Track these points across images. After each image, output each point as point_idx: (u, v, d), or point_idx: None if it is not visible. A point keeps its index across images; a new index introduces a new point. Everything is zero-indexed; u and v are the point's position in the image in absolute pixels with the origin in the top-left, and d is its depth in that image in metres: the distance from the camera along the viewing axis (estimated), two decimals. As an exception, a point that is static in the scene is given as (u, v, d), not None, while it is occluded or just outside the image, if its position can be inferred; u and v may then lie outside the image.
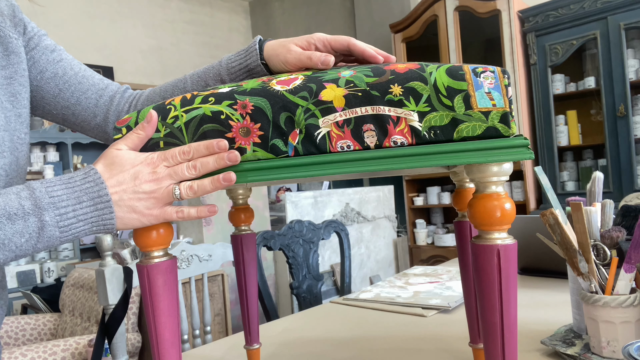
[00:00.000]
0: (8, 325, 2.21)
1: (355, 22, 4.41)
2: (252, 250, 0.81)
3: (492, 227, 0.50)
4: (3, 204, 0.49)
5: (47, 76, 0.74)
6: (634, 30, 2.70)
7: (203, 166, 0.53)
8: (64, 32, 4.24)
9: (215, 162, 0.53)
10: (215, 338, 2.44)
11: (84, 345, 1.79)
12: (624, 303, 0.69)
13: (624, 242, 0.74)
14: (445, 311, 1.10)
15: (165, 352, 0.55)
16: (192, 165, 0.53)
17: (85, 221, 0.51)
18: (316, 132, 0.52)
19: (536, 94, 3.00)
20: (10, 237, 0.49)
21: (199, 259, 1.50)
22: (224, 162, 0.53)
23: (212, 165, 0.53)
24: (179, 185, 0.53)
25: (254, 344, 0.83)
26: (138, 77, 4.69)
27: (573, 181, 3.03)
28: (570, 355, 0.75)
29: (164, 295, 0.55)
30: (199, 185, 0.53)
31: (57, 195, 0.50)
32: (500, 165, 0.50)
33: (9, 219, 0.49)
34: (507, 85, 0.51)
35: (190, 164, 0.53)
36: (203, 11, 5.28)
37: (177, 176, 0.53)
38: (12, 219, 0.49)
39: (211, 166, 0.53)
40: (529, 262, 1.35)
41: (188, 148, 0.53)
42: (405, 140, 0.51)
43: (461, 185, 0.72)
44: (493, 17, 3.09)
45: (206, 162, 0.53)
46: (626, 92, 2.68)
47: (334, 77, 0.54)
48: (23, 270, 3.74)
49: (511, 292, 0.49)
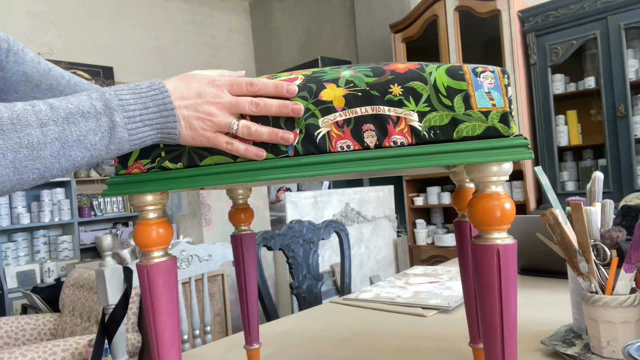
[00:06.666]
0: (8, 325, 2.21)
1: (355, 22, 4.41)
2: (252, 250, 0.81)
3: (491, 227, 0.50)
4: (76, 102, 0.50)
5: (43, 88, 0.74)
6: (634, 30, 2.70)
7: (265, 107, 0.52)
8: (64, 32, 4.24)
9: (278, 108, 0.52)
10: (215, 338, 2.44)
11: (84, 345, 1.79)
12: (624, 303, 0.69)
13: (624, 242, 0.74)
14: (445, 311, 1.10)
15: (165, 352, 0.55)
16: (256, 102, 0.52)
17: (151, 126, 0.52)
18: (316, 132, 0.52)
19: (536, 94, 3.00)
20: (85, 134, 0.49)
21: (199, 259, 1.50)
22: (287, 111, 0.52)
23: (274, 109, 0.52)
24: (239, 121, 0.53)
25: (254, 344, 0.83)
26: (138, 77, 4.69)
27: (573, 181, 3.03)
28: (570, 355, 0.75)
29: (164, 295, 0.55)
30: (257, 129, 0.52)
31: (126, 99, 0.51)
32: (500, 165, 0.50)
33: (82, 116, 0.49)
34: (506, 85, 0.51)
35: (255, 99, 0.52)
36: (203, 11, 5.28)
37: (238, 108, 0.53)
38: (86, 116, 0.49)
39: (273, 110, 0.52)
40: (529, 262, 1.35)
41: (257, 81, 0.53)
42: (405, 140, 0.51)
43: (461, 185, 0.72)
44: (493, 17, 3.09)
45: (270, 104, 0.52)
46: (626, 92, 2.68)
47: (333, 77, 0.54)
48: (23, 270, 3.74)
49: (511, 292, 0.49)
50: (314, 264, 1.62)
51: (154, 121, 0.52)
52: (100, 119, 0.50)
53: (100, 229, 4.40)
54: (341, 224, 1.73)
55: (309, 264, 1.61)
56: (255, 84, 0.53)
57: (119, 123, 0.50)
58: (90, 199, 4.31)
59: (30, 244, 4.03)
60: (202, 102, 0.52)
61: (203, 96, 0.52)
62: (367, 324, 1.07)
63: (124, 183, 0.56)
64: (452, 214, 3.76)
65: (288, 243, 1.56)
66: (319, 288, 1.62)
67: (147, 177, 0.55)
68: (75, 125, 0.49)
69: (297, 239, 1.59)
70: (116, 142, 0.51)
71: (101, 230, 4.39)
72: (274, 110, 0.52)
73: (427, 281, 1.37)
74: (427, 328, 1.00)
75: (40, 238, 4.02)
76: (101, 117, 0.50)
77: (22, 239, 3.92)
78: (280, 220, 3.28)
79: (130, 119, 0.51)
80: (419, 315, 1.09)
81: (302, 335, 1.04)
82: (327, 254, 2.86)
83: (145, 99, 0.52)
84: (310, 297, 1.59)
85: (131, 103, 0.51)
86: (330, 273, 2.84)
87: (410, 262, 3.62)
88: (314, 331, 1.05)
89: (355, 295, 1.30)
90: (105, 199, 4.38)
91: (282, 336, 1.04)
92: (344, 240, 1.70)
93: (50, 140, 0.48)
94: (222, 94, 0.53)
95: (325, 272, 2.81)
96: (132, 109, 0.51)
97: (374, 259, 3.21)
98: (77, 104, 0.50)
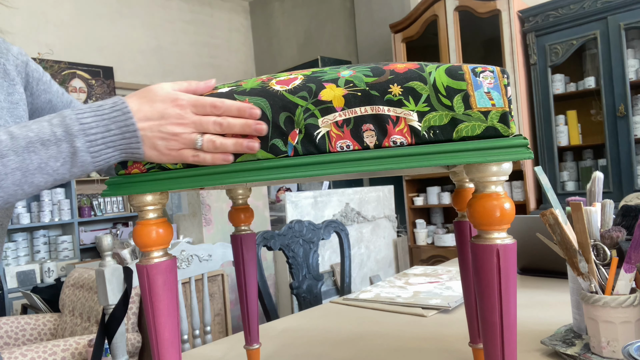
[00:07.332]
0: (8, 325, 2.21)
1: (355, 22, 4.41)
2: (252, 250, 0.81)
3: (491, 227, 0.50)
4: (37, 130, 0.51)
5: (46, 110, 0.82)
6: (634, 30, 2.70)
7: (229, 126, 0.53)
8: (64, 32, 4.24)
9: (241, 127, 0.53)
10: (215, 338, 2.44)
11: (84, 345, 1.79)
12: (624, 303, 0.69)
13: (624, 242, 0.74)
14: (445, 311, 1.10)
15: (165, 352, 0.55)
16: (219, 122, 0.53)
17: (114, 148, 0.53)
18: (316, 132, 0.52)
19: (536, 94, 3.00)
20: (46, 161, 0.51)
21: (199, 259, 1.50)
22: (250, 130, 0.53)
23: (238, 128, 0.53)
24: (202, 137, 0.53)
25: (254, 344, 0.83)
26: (138, 77, 4.69)
27: (573, 181, 3.03)
28: (570, 355, 0.75)
29: (164, 295, 0.55)
30: (222, 142, 0.53)
31: (87, 122, 0.52)
32: (499, 165, 0.50)
33: (42, 144, 0.51)
34: (506, 85, 0.51)
35: (218, 119, 0.53)
36: (203, 11, 5.28)
37: (202, 127, 0.53)
38: (46, 144, 0.51)
39: (237, 129, 0.53)
40: (529, 262, 1.35)
41: (221, 103, 0.54)
42: (405, 140, 0.51)
43: (461, 185, 0.72)
44: (493, 17, 3.09)
45: (234, 124, 0.53)
46: (626, 92, 2.68)
47: (333, 77, 0.54)
48: (23, 270, 3.74)
49: (511, 292, 0.49)
50: (314, 264, 1.62)
51: (116, 143, 0.53)
52: (61, 145, 0.51)
53: (100, 229, 4.40)
54: (341, 224, 1.73)
55: (309, 264, 1.61)
56: (219, 107, 0.53)
57: (80, 148, 0.52)
58: (90, 199, 4.31)
59: (30, 244, 4.03)
60: (166, 123, 0.53)
61: (166, 117, 0.53)
62: (367, 324, 1.07)
63: (123, 183, 0.56)
64: (452, 214, 3.75)
65: (288, 243, 1.56)
66: (319, 288, 1.62)
67: (146, 177, 0.55)
68: (35, 154, 0.51)
69: (297, 239, 1.59)
70: (79, 166, 0.53)
71: (101, 230, 4.39)
72: (238, 129, 0.53)
73: (427, 281, 1.37)
74: (427, 328, 1.00)
75: (40, 238, 4.02)
76: (62, 144, 0.51)
77: (22, 238, 3.92)
78: (280, 220, 3.28)
79: (92, 143, 0.52)
80: (419, 315, 1.09)
81: (302, 335, 1.04)
82: (327, 254, 2.86)
83: (107, 121, 0.52)
84: (310, 297, 1.59)
85: (93, 126, 0.52)
86: (330, 273, 2.84)
87: (410, 262, 3.62)
88: (314, 331, 1.05)
89: (355, 295, 1.30)
90: (105, 199, 4.39)
91: (282, 336, 1.04)
92: (344, 240, 1.70)
93: (11, 170, 0.50)
94: (185, 114, 0.53)
95: (325, 272, 2.81)
96: (93, 132, 0.52)
97: (374, 259, 3.21)
98: (37, 132, 0.51)
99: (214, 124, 0.53)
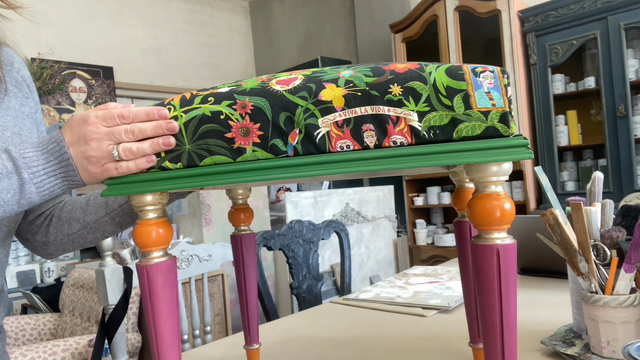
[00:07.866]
0: (8, 325, 2.21)
1: (355, 22, 4.41)
2: (252, 250, 0.81)
3: (491, 227, 0.50)
4: None
5: None
6: (634, 30, 2.70)
7: (141, 132, 0.55)
8: (64, 32, 4.24)
9: (153, 130, 0.55)
10: (215, 338, 2.44)
11: (84, 345, 1.79)
12: (624, 303, 0.69)
13: (624, 242, 0.74)
14: (445, 311, 1.10)
15: (165, 352, 0.55)
16: (130, 129, 0.55)
17: (56, 177, 0.57)
18: (316, 132, 0.52)
19: (536, 94, 3.00)
20: None
21: (199, 259, 1.50)
22: (161, 131, 0.54)
23: (150, 132, 0.55)
24: (117, 146, 0.55)
25: (254, 344, 0.83)
26: (138, 77, 4.69)
27: (573, 181, 3.03)
28: (570, 355, 0.75)
29: (164, 295, 0.55)
30: (138, 147, 0.54)
31: (29, 156, 0.56)
32: (499, 165, 0.50)
33: None
34: (506, 85, 0.51)
35: (129, 127, 0.55)
36: (203, 11, 5.28)
37: (115, 138, 0.55)
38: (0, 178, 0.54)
39: (149, 132, 0.55)
40: (529, 262, 1.35)
41: (128, 113, 0.55)
42: (405, 140, 0.51)
43: (461, 185, 0.72)
44: (493, 17, 3.09)
45: (144, 128, 0.55)
46: (626, 92, 2.68)
47: (333, 77, 0.54)
48: (23, 270, 3.74)
49: (511, 292, 0.49)
50: (314, 264, 1.62)
51: (57, 172, 0.57)
52: (12, 177, 0.55)
53: (100, 229, 4.39)
54: (341, 224, 1.73)
55: (309, 264, 1.61)
56: (126, 116, 0.55)
57: (26, 179, 0.55)
58: (90, 199, 4.30)
59: (30, 244, 4.02)
60: (84, 143, 0.55)
61: (82, 137, 0.55)
62: (367, 324, 1.07)
63: (123, 183, 0.56)
64: (452, 214, 3.75)
65: (288, 243, 1.56)
66: (319, 288, 1.62)
67: (146, 177, 0.55)
68: None
69: (297, 239, 1.59)
70: (26, 197, 0.56)
71: (101, 230, 4.38)
72: (150, 132, 0.55)
73: (427, 281, 1.37)
74: (427, 328, 1.00)
75: (40, 238, 4.01)
76: (12, 176, 0.55)
77: (22, 239, 3.92)
78: (280, 220, 3.28)
79: (34, 174, 0.56)
80: (419, 315, 1.09)
81: (302, 335, 1.04)
82: (327, 254, 2.86)
83: (47, 153, 0.56)
84: (310, 297, 1.59)
85: (34, 159, 0.56)
86: (330, 273, 2.84)
87: (410, 262, 3.62)
88: (314, 331, 1.05)
89: (355, 295, 1.30)
90: (105, 199, 4.37)
91: (282, 336, 1.04)
92: (344, 240, 1.70)
93: None
94: (96, 129, 0.55)
95: (325, 272, 2.81)
96: (35, 164, 0.56)
97: (374, 259, 3.21)
98: None
99: (126, 132, 0.55)
